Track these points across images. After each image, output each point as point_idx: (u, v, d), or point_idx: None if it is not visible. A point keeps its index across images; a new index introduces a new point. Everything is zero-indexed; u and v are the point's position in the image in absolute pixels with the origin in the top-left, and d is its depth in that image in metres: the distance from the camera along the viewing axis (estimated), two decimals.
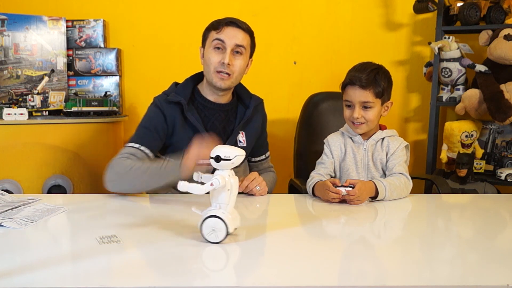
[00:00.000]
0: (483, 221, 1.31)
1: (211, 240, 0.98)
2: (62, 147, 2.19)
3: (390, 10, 2.60)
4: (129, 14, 2.70)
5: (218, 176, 0.97)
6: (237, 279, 0.82)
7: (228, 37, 1.53)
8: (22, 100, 2.39)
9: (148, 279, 0.82)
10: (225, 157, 0.96)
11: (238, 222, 1.04)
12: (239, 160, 0.98)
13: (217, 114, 1.62)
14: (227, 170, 0.99)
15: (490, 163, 2.39)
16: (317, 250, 1.01)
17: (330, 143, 1.64)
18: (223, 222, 0.97)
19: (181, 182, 0.97)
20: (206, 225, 0.97)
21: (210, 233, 0.97)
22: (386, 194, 1.43)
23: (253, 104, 1.67)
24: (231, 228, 0.98)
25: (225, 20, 1.55)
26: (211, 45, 1.54)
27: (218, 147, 0.99)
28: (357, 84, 1.51)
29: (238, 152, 0.98)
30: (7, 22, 2.42)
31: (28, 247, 0.99)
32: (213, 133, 1.59)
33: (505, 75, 2.22)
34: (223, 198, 0.98)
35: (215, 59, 1.53)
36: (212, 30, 1.56)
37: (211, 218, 0.97)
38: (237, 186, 1.01)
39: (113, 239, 1.00)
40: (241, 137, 1.66)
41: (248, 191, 1.49)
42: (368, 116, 1.53)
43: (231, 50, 1.53)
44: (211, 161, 0.98)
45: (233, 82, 1.58)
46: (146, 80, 2.73)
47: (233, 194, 0.99)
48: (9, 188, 2.03)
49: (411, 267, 0.91)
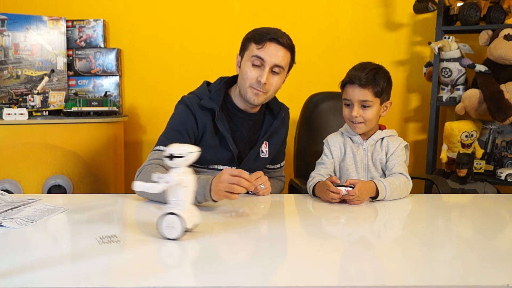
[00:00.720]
0: (483, 221, 1.31)
1: (169, 236, 0.99)
2: (62, 147, 2.19)
3: (390, 10, 2.60)
4: (129, 14, 2.70)
5: (173, 174, 0.98)
6: (238, 279, 0.82)
7: (268, 55, 1.47)
8: (22, 100, 2.39)
9: (148, 279, 0.82)
10: (178, 155, 0.97)
11: (197, 219, 1.04)
12: (192, 157, 0.99)
13: (246, 123, 1.59)
14: (182, 167, 0.99)
15: (490, 163, 2.39)
16: (317, 250, 1.01)
17: (329, 143, 1.63)
18: (180, 219, 0.98)
19: (136, 182, 0.98)
20: (164, 223, 0.99)
21: (169, 230, 0.99)
22: (386, 194, 1.43)
23: (281, 116, 1.63)
24: (189, 224, 1.00)
25: (268, 35, 1.47)
26: (250, 60, 1.49)
27: (171, 146, 0.99)
28: (356, 82, 1.51)
29: (191, 149, 0.99)
30: (7, 22, 2.42)
31: (28, 247, 0.99)
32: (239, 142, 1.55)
33: (505, 75, 2.22)
34: (180, 195, 1.00)
35: (252, 75, 1.48)
36: (253, 42, 1.49)
37: (168, 215, 0.99)
38: (193, 183, 1.01)
39: (113, 239, 1.00)
40: (264, 147, 1.62)
41: (252, 188, 1.48)
42: (367, 115, 1.53)
43: (269, 68, 1.48)
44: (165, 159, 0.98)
45: (266, 99, 1.55)
46: (146, 80, 2.73)
47: (190, 191, 1.00)
48: (9, 188, 2.03)
49: (411, 267, 0.91)
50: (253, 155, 1.59)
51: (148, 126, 2.77)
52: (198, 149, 1.00)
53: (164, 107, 1.67)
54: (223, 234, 1.10)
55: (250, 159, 1.59)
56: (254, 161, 1.60)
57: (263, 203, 1.46)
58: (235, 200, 1.45)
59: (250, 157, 1.58)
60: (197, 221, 1.05)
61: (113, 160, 2.38)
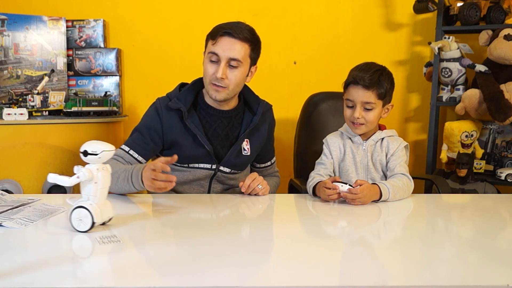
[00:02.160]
0: (483, 221, 1.31)
1: (78, 229, 1.05)
2: (62, 147, 2.19)
3: (390, 10, 2.60)
4: (129, 14, 2.70)
5: (85, 169, 1.03)
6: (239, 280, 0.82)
7: (222, 49, 1.47)
8: (22, 100, 2.38)
9: (148, 279, 0.82)
10: (92, 152, 1.02)
11: (110, 213, 1.09)
12: (106, 155, 1.03)
13: (219, 121, 1.59)
14: (96, 164, 1.03)
15: (490, 163, 2.39)
16: (317, 250, 1.01)
17: (329, 143, 1.63)
18: (89, 213, 1.03)
19: (50, 174, 1.01)
20: (74, 215, 1.04)
21: (78, 222, 1.05)
22: (389, 197, 1.43)
23: (260, 111, 1.63)
24: (98, 218, 1.04)
25: (221, 30, 1.48)
26: (207, 56, 1.51)
27: (88, 143, 1.03)
28: (360, 83, 1.49)
29: (105, 148, 1.03)
30: (7, 22, 2.42)
31: (28, 247, 0.99)
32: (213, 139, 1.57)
33: (505, 75, 2.22)
34: (91, 190, 1.04)
35: (210, 71, 1.50)
36: (210, 39, 1.52)
37: (78, 208, 1.04)
38: (106, 180, 1.06)
39: (113, 239, 1.00)
40: (245, 145, 1.63)
41: (251, 190, 1.49)
42: (369, 117, 1.52)
43: (225, 63, 1.48)
44: (80, 155, 1.02)
45: (229, 94, 1.54)
46: (146, 80, 2.73)
47: (102, 187, 1.05)
48: (9, 188, 2.03)
49: (411, 267, 0.91)
50: (234, 152, 1.60)
51: None
52: (113, 148, 1.04)
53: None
54: (223, 234, 1.10)
55: (231, 156, 1.60)
56: (236, 159, 1.61)
57: (262, 203, 1.46)
58: (234, 200, 1.46)
59: (231, 154, 1.59)
60: (109, 215, 1.09)
61: None
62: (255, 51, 1.54)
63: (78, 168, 1.02)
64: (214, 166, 1.58)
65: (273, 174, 1.79)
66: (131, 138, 1.56)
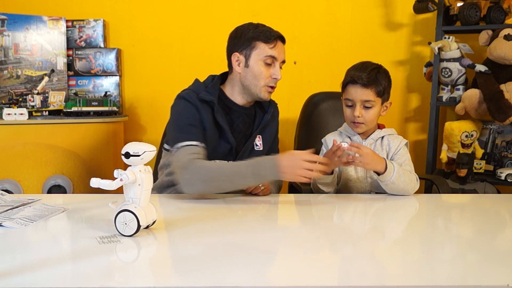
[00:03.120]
0: (483, 221, 1.31)
1: (124, 233, 1.01)
2: (62, 147, 2.19)
3: (390, 10, 2.60)
4: (129, 14, 2.70)
5: (128, 171, 1.00)
6: (239, 280, 0.82)
7: (279, 53, 1.55)
8: (22, 100, 2.39)
9: (148, 279, 0.82)
10: (134, 153, 0.99)
11: (154, 216, 1.07)
12: (148, 156, 1.01)
13: (242, 117, 1.62)
14: (139, 165, 1.01)
15: (490, 163, 2.39)
16: (317, 250, 1.01)
17: (328, 143, 1.63)
18: (135, 216, 1.00)
19: (93, 179, 0.99)
20: (119, 219, 1.02)
21: (123, 227, 1.01)
22: (393, 175, 1.42)
23: (271, 109, 1.68)
24: (143, 221, 1.02)
25: (276, 34, 1.55)
26: (262, 59, 1.54)
27: (129, 144, 1.01)
28: (359, 82, 1.51)
29: (147, 148, 1.00)
30: (7, 22, 2.43)
31: (28, 247, 0.99)
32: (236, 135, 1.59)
33: (505, 75, 2.22)
34: (135, 193, 1.01)
35: (267, 73, 1.55)
36: (262, 42, 1.54)
37: (123, 212, 1.01)
38: (149, 181, 1.03)
39: (113, 239, 1.00)
40: (258, 140, 1.66)
41: (251, 189, 1.49)
42: (369, 115, 1.53)
43: (279, 65, 1.57)
44: (122, 157, 1.00)
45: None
46: (146, 80, 2.73)
47: (145, 189, 1.02)
48: (9, 188, 2.03)
49: (411, 267, 0.91)
50: (248, 149, 1.63)
51: (148, 126, 2.77)
52: (154, 148, 1.02)
53: (164, 107, 1.67)
54: (223, 234, 1.10)
55: (246, 152, 1.62)
56: (249, 154, 1.62)
57: (262, 203, 1.46)
58: (234, 200, 1.46)
59: (245, 150, 1.62)
60: (153, 218, 1.07)
61: (113, 160, 2.38)
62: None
63: (118, 171, 0.99)
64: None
65: None
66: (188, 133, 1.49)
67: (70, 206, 1.30)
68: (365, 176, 1.58)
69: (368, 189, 1.59)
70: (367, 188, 1.59)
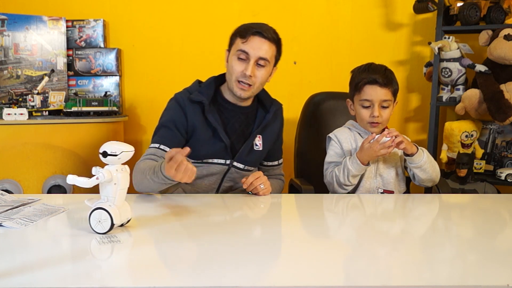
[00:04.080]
0: (483, 221, 1.31)
1: (98, 230, 1.03)
2: (62, 147, 2.19)
3: (390, 10, 2.60)
4: (129, 14, 2.70)
5: (104, 170, 1.01)
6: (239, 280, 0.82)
7: (252, 48, 1.51)
8: (22, 100, 2.39)
9: (148, 279, 0.82)
10: (112, 153, 1.00)
11: (128, 214, 1.08)
12: (126, 156, 1.02)
13: (237, 116, 1.62)
14: (116, 165, 1.02)
15: (490, 163, 2.39)
16: (317, 250, 1.01)
17: (339, 139, 1.64)
18: (109, 214, 1.01)
19: (69, 176, 1.00)
20: (93, 217, 1.03)
21: (97, 224, 1.03)
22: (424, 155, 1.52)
23: (273, 109, 1.67)
24: (117, 220, 1.03)
25: (252, 29, 1.52)
26: (235, 54, 1.53)
27: (107, 143, 1.02)
28: (378, 82, 1.54)
29: (125, 148, 1.01)
30: (7, 22, 2.43)
31: (28, 247, 0.99)
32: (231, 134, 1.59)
33: (505, 75, 2.22)
34: (110, 192, 1.02)
35: (237, 68, 1.53)
36: (238, 37, 1.54)
37: (97, 210, 1.02)
38: (125, 181, 1.04)
39: (113, 239, 1.00)
40: (257, 140, 1.65)
41: (252, 188, 1.49)
42: (386, 114, 1.58)
43: (254, 61, 1.52)
44: (99, 156, 1.01)
45: (253, 92, 1.58)
46: (146, 80, 2.73)
47: (121, 188, 1.03)
48: (9, 188, 2.03)
49: (411, 267, 0.91)
50: (247, 148, 1.62)
51: (148, 126, 2.77)
52: (132, 149, 1.03)
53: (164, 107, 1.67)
54: (223, 234, 1.10)
55: (244, 151, 1.61)
56: (248, 154, 1.63)
57: (263, 203, 1.46)
58: (235, 200, 1.46)
59: (244, 149, 1.61)
60: (128, 217, 1.08)
61: None
62: (279, 52, 1.61)
63: (96, 169, 1.01)
64: (228, 162, 1.59)
65: (279, 177, 1.78)
66: (158, 135, 1.56)
67: (70, 206, 1.30)
68: (375, 173, 1.59)
69: (377, 185, 1.60)
70: (376, 185, 1.60)
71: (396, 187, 1.62)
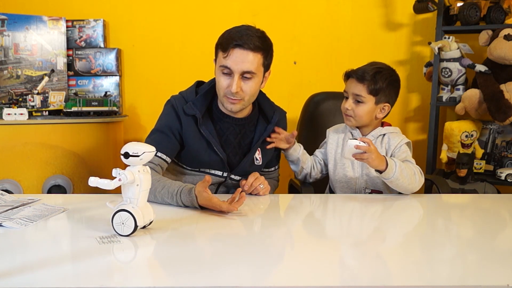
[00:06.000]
0: (483, 221, 1.31)
1: (121, 233, 1.02)
2: (62, 147, 2.19)
3: (390, 10, 2.60)
4: (129, 14, 2.70)
5: (126, 171, 1.00)
6: (239, 280, 0.82)
7: (235, 63, 1.40)
8: (22, 100, 2.39)
9: (148, 279, 0.82)
10: (133, 154, 0.99)
11: (151, 216, 1.07)
12: (148, 156, 1.01)
13: (232, 128, 1.55)
14: (137, 166, 1.01)
15: (490, 163, 2.39)
16: (317, 250, 1.01)
17: (329, 136, 1.70)
18: (132, 216, 1.00)
19: (91, 178, 0.99)
20: (116, 219, 1.02)
21: (120, 226, 1.02)
22: (395, 171, 1.42)
23: (275, 120, 1.59)
24: (141, 221, 1.02)
25: (232, 41, 1.39)
26: (219, 69, 1.45)
27: (128, 144, 1.01)
28: (353, 76, 1.57)
29: (146, 149, 1.00)
30: (7, 22, 2.43)
31: (28, 247, 0.99)
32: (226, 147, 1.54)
33: (505, 75, 2.22)
34: (133, 193, 1.02)
35: (223, 84, 1.44)
36: (220, 50, 1.44)
37: (120, 212, 1.01)
38: (147, 182, 1.03)
39: (113, 239, 1.00)
40: (257, 154, 1.59)
41: (253, 189, 1.49)
42: (358, 110, 1.56)
43: (239, 76, 1.42)
44: (121, 157, 1.00)
45: (245, 104, 1.49)
46: (146, 80, 2.73)
47: (143, 189, 1.02)
48: (9, 188, 2.03)
49: (411, 267, 0.91)
50: (247, 163, 1.57)
51: (148, 126, 2.76)
52: (153, 149, 1.02)
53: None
54: (223, 234, 1.10)
55: (242, 166, 1.56)
56: (247, 168, 1.58)
57: (262, 203, 1.46)
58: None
59: (245, 164, 1.56)
60: (150, 218, 1.07)
61: (113, 160, 2.38)
62: (268, 57, 1.47)
63: (117, 170, 0.99)
64: (225, 174, 1.56)
65: (274, 179, 1.78)
66: (152, 139, 1.50)
67: (70, 206, 1.30)
68: (361, 173, 1.59)
69: (364, 186, 1.60)
70: (362, 185, 1.60)
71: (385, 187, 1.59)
